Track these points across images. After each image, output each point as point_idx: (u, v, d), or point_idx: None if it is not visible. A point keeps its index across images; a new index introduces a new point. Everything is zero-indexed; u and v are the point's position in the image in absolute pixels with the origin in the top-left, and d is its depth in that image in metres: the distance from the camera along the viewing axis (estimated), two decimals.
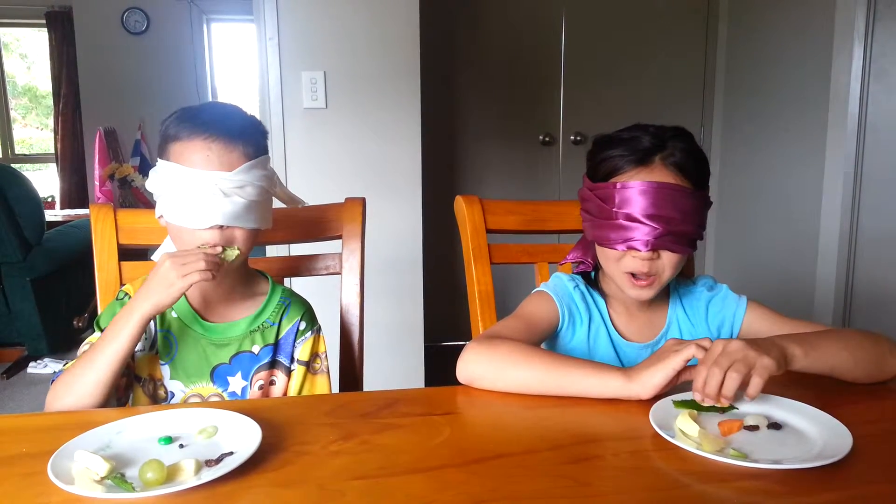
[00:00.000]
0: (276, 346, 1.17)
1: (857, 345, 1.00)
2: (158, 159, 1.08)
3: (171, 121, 1.07)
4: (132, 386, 1.12)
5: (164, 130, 1.08)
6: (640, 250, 1.04)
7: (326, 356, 1.22)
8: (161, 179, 1.06)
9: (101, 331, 1.09)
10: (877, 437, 0.85)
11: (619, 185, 1.05)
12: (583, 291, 1.17)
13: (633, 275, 1.08)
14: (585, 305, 1.17)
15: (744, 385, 0.85)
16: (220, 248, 1.05)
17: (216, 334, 1.13)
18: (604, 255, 1.12)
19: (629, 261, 1.07)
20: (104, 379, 0.98)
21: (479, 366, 1.00)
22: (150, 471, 0.72)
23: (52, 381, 1.03)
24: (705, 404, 0.88)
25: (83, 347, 1.08)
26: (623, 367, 1.13)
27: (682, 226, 1.05)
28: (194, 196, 1.02)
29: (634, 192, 1.04)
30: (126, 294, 1.14)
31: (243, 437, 0.81)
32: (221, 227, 1.04)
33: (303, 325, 1.19)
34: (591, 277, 1.21)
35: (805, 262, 3.02)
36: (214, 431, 0.84)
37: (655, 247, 1.04)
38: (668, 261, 1.07)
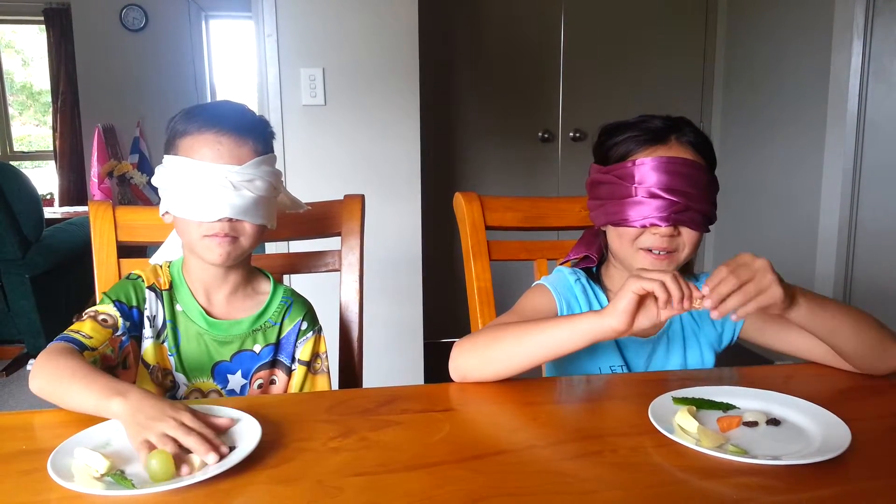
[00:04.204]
0: (277, 345, 1.17)
1: (863, 320, 1.00)
2: (165, 156, 1.08)
3: (179, 117, 1.08)
4: (133, 378, 1.11)
5: (172, 126, 1.08)
6: (660, 225, 1.04)
7: (327, 356, 1.22)
8: (169, 174, 1.06)
9: (112, 302, 1.08)
10: (875, 433, 0.85)
11: (637, 162, 1.05)
12: (584, 285, 1.17)
13: (650, 250, 1.08)
14: (586, 299, 1.16)
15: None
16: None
17: (219, 331, 1.13)
18: (620, 236, 1.10)
19: (648, 237, 1.07)
20: (76, 410, 0.91)
21: (466, 359, 1.01)
22: (156, 458, 0.72)
23: (49, 345, 0.97)
24: (706, 303, 0.90)
25: (89, 312, 1.06)
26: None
27: (700, 203, 1.05)
28: (203, 189, 1.03)
29: (655, 166, 1.04)
30: (139, 276, 1.13)
31: (243, 434, 0.81)
32: (230, 219, 1.05)
33: (304, 326, 1.20)
34: (593, 272, 1.21)
35: (804, 257, 3.02)
36: None
37: (676, 221, 1.04)
38: (687, 238, 1.07)
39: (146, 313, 1.11)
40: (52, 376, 0.92)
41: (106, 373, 0.92)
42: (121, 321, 1.07)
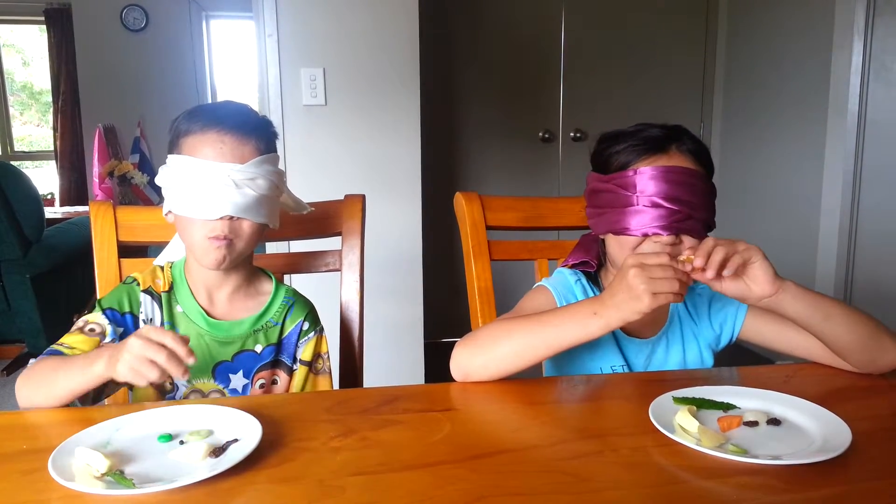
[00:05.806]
0: (279, 345, 1.18)
1: (856, 314, 1.01)
2: (168, 155, 1.09)
3: (183, 117, 1.09)
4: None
5: (175, 126, 1.09)
6: (662, 234, 1.04)
7: (328, 356, 1.22)
8: (171, 174, 1.07)
9: (103, 310, 1.09)
10: (875, 433, 0.85)
11: (639, 171, 1.05)
12: (584, 285, 1.17)
13: None
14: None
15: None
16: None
17: (220, 332, 1.13)
18: (620, 244, 1.09)
19: (649, 246, 1.06)
20: (67, 397, 0.93)
21: (468, 357, 1.01)
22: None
23: (34, 360, 0.99)
24: (697, 262, 0.93)
25: (78, 323, 1.07)
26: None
27: (701, 211, 1.06)
28: (206, 187, 1.03)
29: (656, 175, 1.04)
30: (134, 280, 1.13)
31: (243, 434, 0.81)
32: (231, 218, 1.05)
33: (306, 326, 1.20)
34: (593, 275, 1.21)
35: (805, 258, 3.02)
36: (207, 434, 0.83)
37: (678, 230, 1.04)
38: (689, 246, 1.06)
39: (141, 317, 1.11)
40: (35, 379, 0.95)
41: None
42: (109, 329, 1.08)
